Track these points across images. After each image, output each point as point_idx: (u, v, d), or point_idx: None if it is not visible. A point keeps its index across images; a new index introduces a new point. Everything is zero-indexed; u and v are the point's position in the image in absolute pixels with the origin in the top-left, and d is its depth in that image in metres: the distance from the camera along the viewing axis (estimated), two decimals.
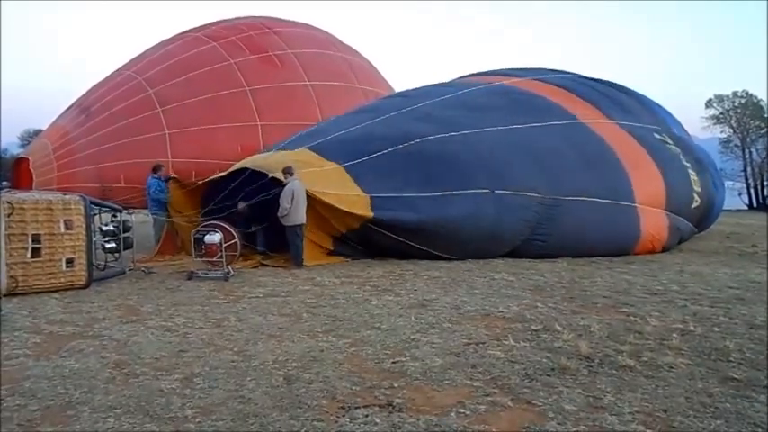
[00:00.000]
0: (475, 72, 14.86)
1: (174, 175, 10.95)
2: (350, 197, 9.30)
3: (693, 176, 12.39)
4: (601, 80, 14.20)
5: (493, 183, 9.93)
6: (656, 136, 12.53)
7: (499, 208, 9.77)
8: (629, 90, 14.32)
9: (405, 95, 13.07)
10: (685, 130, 15.13)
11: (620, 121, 12.19)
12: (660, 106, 14.70)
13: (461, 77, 14.70)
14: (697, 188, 12.32)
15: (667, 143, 12.61)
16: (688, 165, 12.49)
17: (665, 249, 11.23)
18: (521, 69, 14.13)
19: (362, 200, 9.29)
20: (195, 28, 18.97)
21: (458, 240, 9.64)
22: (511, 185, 10.02)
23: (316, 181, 9.31)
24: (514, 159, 10.43)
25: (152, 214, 10.68)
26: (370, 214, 9.18)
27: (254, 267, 9.24)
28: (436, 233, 9.50)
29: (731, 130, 39.92)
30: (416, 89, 13.50)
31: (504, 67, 14.64)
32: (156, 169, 10.80)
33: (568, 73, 14.31)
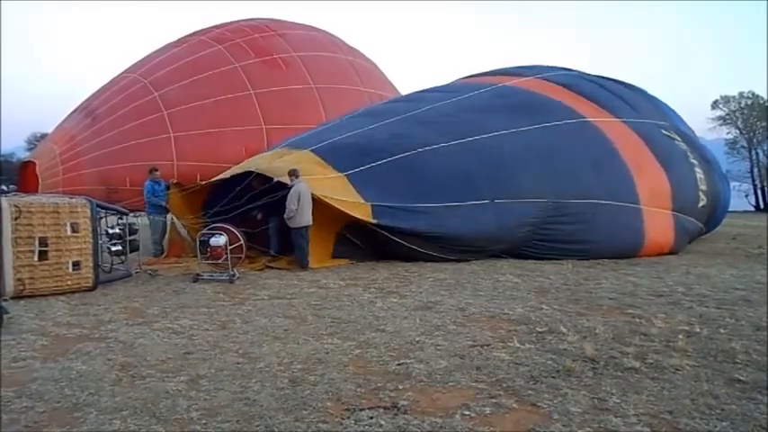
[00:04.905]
0: (478, 72, 14.78)
1: (174, 180, 11.05)
2: (352, 203, 9.34)
3: (700, 174, 12.27)
4: (606, 77, 14.10)
5: (494, 192, 9.97)
6: (664, 132, 12.42)
7: (500, 215, 9.84)
8: (635, 87, 14.20)
9: (409, 99, 13.05)
10: (691, 129, 15.04)
11: (626, 119, 12.06)
12: (666, 104, 14.61)
13: (464, 78, 14.65)
14: (703, 186, 12.21)
15: (675, 140, 12.49)
16: (695, 162, 12.39)
17: (672, 252, 11.13)
18: (523, 67, 14.00)
19: (364, 207, 9.34)
20: (200, 30, 19.05)
21: (458, 245, 9.76)
22: (514, 192, 10.05)
23: (319, 188, 9.36)
24: (519, 163, 10.42)
25: (147, 215, 10.83)
26: (373, 220, 9.26)
27: (260, 270, 9.26)
28: (436, 240, 9.61)
29: (737, 131, 39.72)
30: (420, 92, 13.46)
31: (506, 66, 14.54)
32: (150, 171, 11.07)
33: (572, 70, 14.07)
